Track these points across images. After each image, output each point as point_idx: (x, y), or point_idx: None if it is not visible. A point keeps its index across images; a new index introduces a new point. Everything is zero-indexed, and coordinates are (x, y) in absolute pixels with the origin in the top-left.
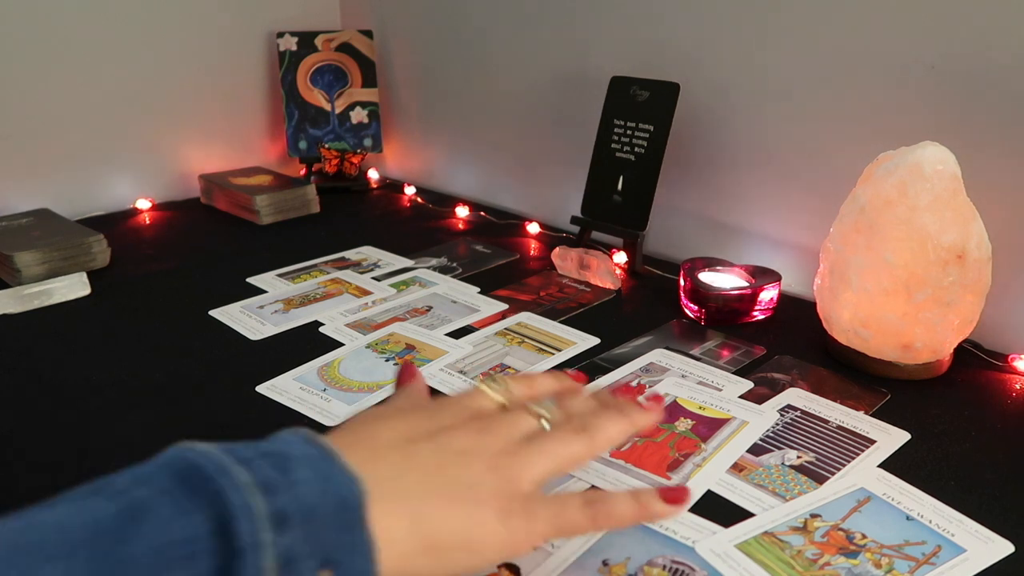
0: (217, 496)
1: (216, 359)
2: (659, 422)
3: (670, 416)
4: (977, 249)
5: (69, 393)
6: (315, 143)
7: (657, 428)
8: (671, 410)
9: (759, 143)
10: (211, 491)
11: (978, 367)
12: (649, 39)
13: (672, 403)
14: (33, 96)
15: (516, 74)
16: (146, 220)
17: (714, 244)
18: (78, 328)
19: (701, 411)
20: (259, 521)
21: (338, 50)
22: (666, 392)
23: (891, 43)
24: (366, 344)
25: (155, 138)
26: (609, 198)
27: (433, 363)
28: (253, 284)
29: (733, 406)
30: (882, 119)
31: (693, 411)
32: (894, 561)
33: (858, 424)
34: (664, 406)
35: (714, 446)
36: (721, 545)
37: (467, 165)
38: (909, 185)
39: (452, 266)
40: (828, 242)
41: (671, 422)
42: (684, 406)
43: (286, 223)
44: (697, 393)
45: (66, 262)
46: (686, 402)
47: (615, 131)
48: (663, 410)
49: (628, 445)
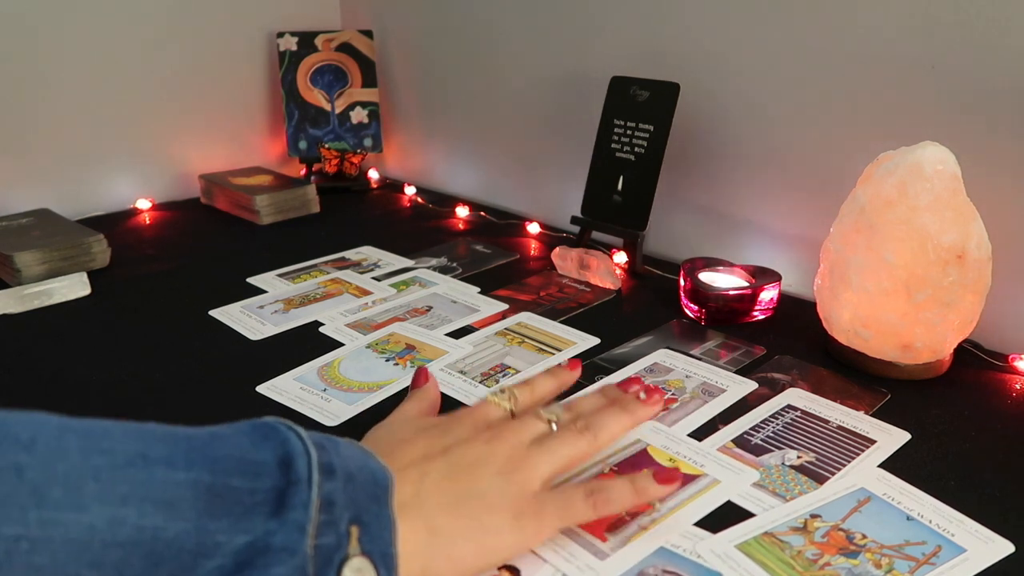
0: (284, 442)
1: (216, 359)
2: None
3: (632, 468)
4: (977, 249)
5: (69, 393)
6: (315, 143)
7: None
8: (636, 460)
9: (759, 143)
10: (279, 438)
11: (978, 367)
12: (649, 39)
13: (640, 451)
14: (33, 96)
15: (516, 74)
16: (146, 220)
17: (714, 244)
18: (78, 328)
19: (670, 464)
20: (313, 465)
21: (338, 50)
22: (638, 439)
23: (891, 43)
24: (366, 344)
25: (155, 138)
26: (609, 198)
27: (433, 363)
28: (253, 284)
29: (709, 461)
30: (882, 119)
31: (661, 463)
32: (894, 561)
33: (858, 424)
34: (665, 398)
35: (670, 506)
36: (721, 545)
37: (467, 165)
38: (909, 185)
39: (452, 266)
40: (828, 242)
41: (632, 473)
42: (653, 456)
43: (286, 223)
44: (673, 443)
45: (66, 262)
46: (656, 452)
47: (615, 131)
48: (663, 401)
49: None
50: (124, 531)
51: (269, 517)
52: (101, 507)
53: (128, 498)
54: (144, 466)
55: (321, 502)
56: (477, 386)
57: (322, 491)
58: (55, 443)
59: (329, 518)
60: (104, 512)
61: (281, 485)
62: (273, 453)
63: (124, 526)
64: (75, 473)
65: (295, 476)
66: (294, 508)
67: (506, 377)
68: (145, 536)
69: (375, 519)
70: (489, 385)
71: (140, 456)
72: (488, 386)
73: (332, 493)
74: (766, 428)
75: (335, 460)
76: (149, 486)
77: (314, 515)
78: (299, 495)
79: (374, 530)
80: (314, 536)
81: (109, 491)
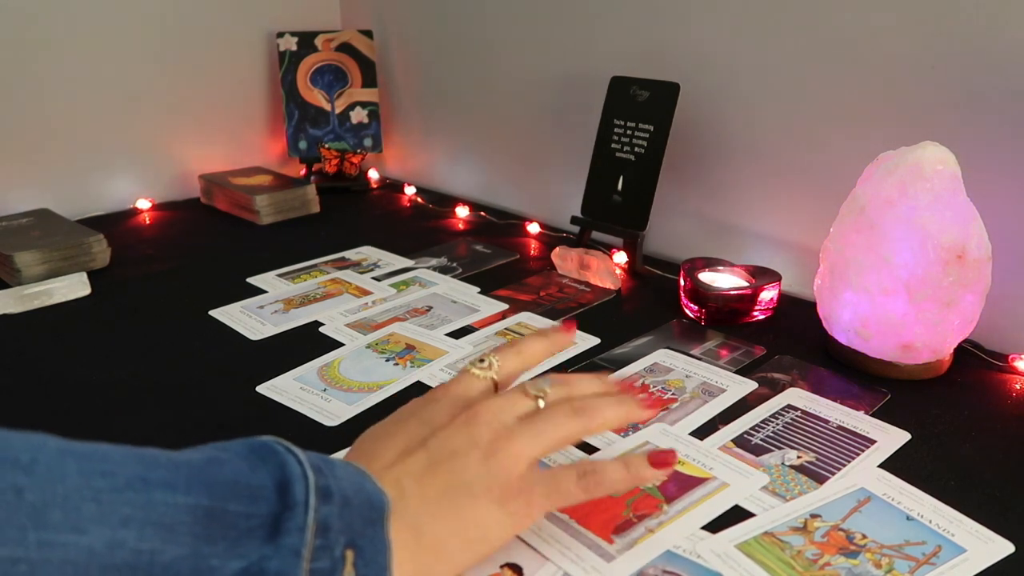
0: (282, 465)
1: (216, 359)
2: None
3: None
4: (977, 249)
5: (69, 393)
6: (315, 143)
7: None
8: None
9: (759, 143)
10: (277, 461)
11: (978, 367)
12: (649, 39)
13: None
14: (33, 96)
15: (516, 74)
16: (146, 220)
17: (714, 244)
18: (78, 328)
19: (679, 466)
20: (310, 488)
21: (338, 50)
22: (647, 441)
23: (891, 43)
24: (366, 344)
25: (155, 138)
26: (609, 198)
27: (433, 363)
28: (253, 284)
29: (717, 464)
30: (882, 119)
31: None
32: (894, 561)
33: (858, 424)
34: (661, 411)
35: (678, 509)
36: (721, 545)
37: (467, 165)
38: (909, 185)
39: (452, 266)
40: (828, 242)
41: (627, 455)
42: None
43: (286, 223)
44: (681, 445)
45: (66, 262)
46: None
47: (615, 131)
48: (659, 410)
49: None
50: (122, 554)
51: (264, 542)
52: (100, 529)
53: (128, 521)
54: (144, 489)
55: (317, 526)
56: None
57: (318, 515)
58: (55, 465)
59: (324, 543)
60: (103, 534)
61: (278, 510)
62: (271, 476)
63: (123, 549)
64: (75, 495)
65: (292, 500)
66: (289, 533)
67: None
68: (143, 560)
69: (370, 543)
70: None
71: (140, 479)
72: None
73: (328, 517)
74: (766, 428)
75: (332, 483)
76: (149, 509)
77: (309, 539)
78: (295, 519)
79: (369, 554)
80: (309, 560)
81: (109, 513)
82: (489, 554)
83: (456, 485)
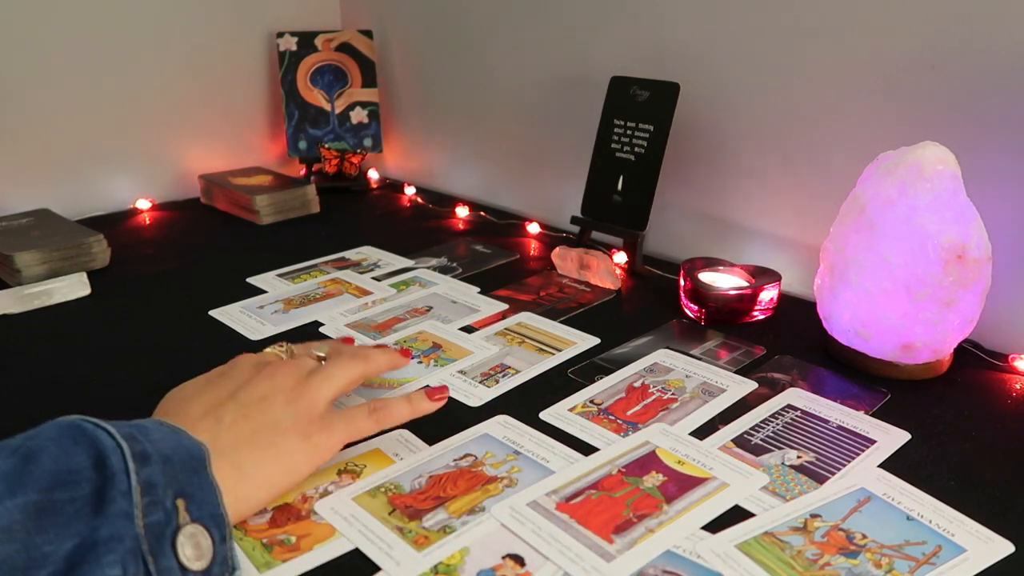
0: (94, 442)
1: (216, 359)
2: (406, 365)
3: (640, 469)
4: (977, 249)
5: (69, 393)
6: (315, 143)
7: (620, 481)
8: (643, 462)
9: (759, 143)
10: (89, 439)
11: (978, 367)
12: (649, 39)
13: (649, 454)
14: (33, 96)
15: (516, 74)
16: (146, 220)
17: (714, 244)
18: (78, 328)
19: (678, 466)
20: (127, 456)
21: (338, 50)
22: (646, 440)
23: (891, 43)
24: (394, 342)
25: (155, 138)
26: (609, 198)
27: (456, 363)
28: (253, 284)
29: (717, 464)
30: (882, 119)
31: (669, 465)
32: (894, 561)
33: (858, 424)
34: (445, 396)
35: (678, 509)
36: (721, 545)
37: (467, 165)
38: (909, 185)
39: (452, 266)
40: (828, 242)
41: (639, 475)
42: (661, 458)
43: (286, 223)
44: (681, 445)
45: (66, 262)
46: (665, 453)
47: (615, 131)
48: (440, 400)
49: (579, 498)
50: None
51: (93, 516)
52: None
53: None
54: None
55: (142, 487)
56: (477, 386)
57: (140, 477)
58: None
59: (153, 499)
60: None
61: (99, 484)
62: (87, 455)
63: None
64: None
65: (111, 471)
66: (114, 500)
67: (507, 377)
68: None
69: (199, 489)
70: (489, 385)
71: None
72: (488, 386)
73: (151, 476)
74: (766, 428)
75: (148, 447)
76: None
77: (138, 500)
78: (118, 487)
79: (199, 498)
80: (142, 518)
81: None
82: (300, 481)
83: (267, 423)
